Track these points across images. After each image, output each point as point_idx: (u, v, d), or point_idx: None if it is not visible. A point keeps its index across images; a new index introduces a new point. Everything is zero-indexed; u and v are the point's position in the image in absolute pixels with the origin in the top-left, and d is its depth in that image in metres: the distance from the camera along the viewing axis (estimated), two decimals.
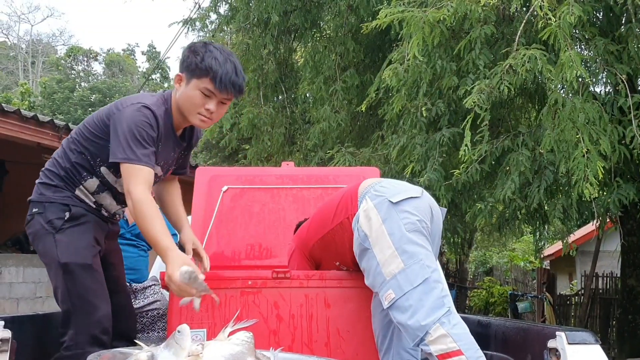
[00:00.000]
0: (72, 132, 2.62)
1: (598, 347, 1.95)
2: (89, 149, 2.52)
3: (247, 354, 1.72)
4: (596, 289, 12.06)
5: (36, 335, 2.27)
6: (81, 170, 2.53)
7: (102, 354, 1.81)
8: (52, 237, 2.45)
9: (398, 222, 2.43)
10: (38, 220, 2.48)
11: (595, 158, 4.52)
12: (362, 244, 2.49)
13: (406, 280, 2.33)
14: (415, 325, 2.25)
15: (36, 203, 2.52)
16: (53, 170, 2.54)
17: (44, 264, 2.51)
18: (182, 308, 2.74)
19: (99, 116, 2.54)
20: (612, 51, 5.13)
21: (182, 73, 2.53)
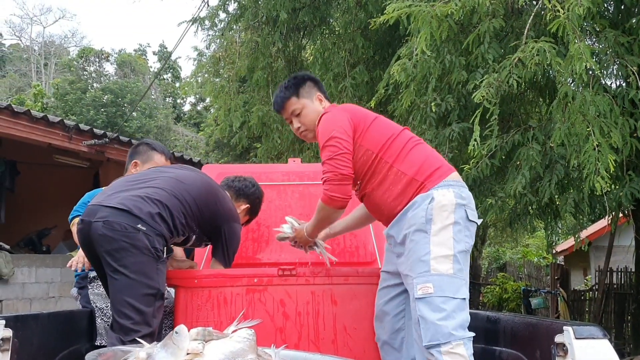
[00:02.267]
0: (196, 199, 2.91)
1: (606, 341, 1.92)
2: (197, 222, 2.93)
3: (249, 352, 1.70)
4: (610, 284, 11.93)
5: (40, 335, 2.26)
6: (187, 231, 2.88)
7: (102, 352, 1.80)
8: (155, 263, 2.66)
9: (463, 237, 2.47)
10: (143, 239, 2.63)
11: (607, 151, 4.45)
12: (421, 224, 2.45)
13: (450, 286, 2.36)
14: (444, 329, 2.28)
15: (146, 224, 2.66)
16: (173, 214, 2.78)
17: (124, 274, 2.60)
18: (188, 307, 2.74)
19: (218, 212, 2.99)
20: (623, 43, 5.06)
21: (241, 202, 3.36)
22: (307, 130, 2.87)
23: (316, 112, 2.83)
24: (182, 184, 2.87)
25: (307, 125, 2.85)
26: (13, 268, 7.93)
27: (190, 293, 2.75)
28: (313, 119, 2.82)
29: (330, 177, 2.59)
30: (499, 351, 2.58)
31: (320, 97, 2.89)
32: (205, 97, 22.68)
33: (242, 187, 3.33)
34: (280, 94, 2.90)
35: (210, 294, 2.74)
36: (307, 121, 2.85)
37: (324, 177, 2.61)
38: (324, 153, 2.62)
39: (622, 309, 11.52)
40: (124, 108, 27.61)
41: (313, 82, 2.93)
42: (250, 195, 3.32)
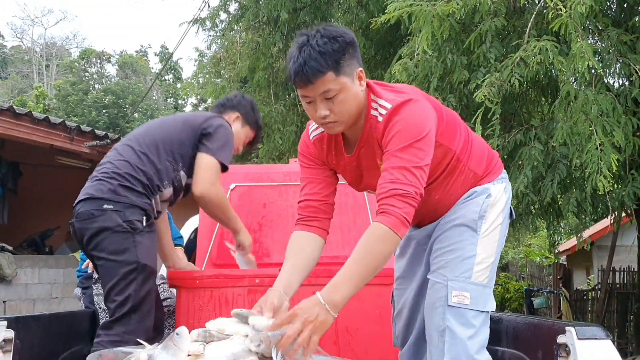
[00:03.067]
0: (156, 140, 2.74)
1: (609, 342, 1.90)
2: (176, 154, 2.74)
3: (250, 353, 1.69)
4: (613, 283, 11.92)
5: (41, 336, 2.26)
6: (164, 178, 2.70)
7: (103, 353, 1.80)
8: (132, 236, 2.55)
9: (503, 238, 2.22)
10: (113, 217, 2.54)
11: (609, 150, 4.45)
12: (472, 220, 2.15)
13: (483, 297, 2.14)
14: (470, 350, 2.07)
15: (111, 201, 2.57)
16: (134, 176, 2.64)
17: (104, 258, 2.56)
18: (190, 307, 2.73)
19: (188, 126, 2.78)
20: (626, 41, 5.05)
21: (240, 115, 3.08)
22: (336, 122, 2.02)
23: (356, 97, 2.02)
24: (129, 144, 2.75)
25: (341, 115, 2.00)
26: (16, 269, 7.95)
27: (191, 294, 2.74)
28: (349, 107, 2.00)
29: (412, 194, 1.90)
30: (502, 351, 2.57)
31: (361, 73, 2.03)
32: (207, 97, 22.68)
33: (225, 101, 3.10)
34: (311, 62, 1.92)
35: (211, 295, 2.73)
36: (342, 109, 1.99)
37: (404, 189, 1.89)
38: (408, 155, 1.93)
39: (624, 308, 11.51)
40: (126, 109, 27.66)
41: (353, 47, 2.02)
42: (236, 104, 3.05)
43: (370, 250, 1.88)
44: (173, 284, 2.82)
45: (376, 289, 2.74)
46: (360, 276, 1.88)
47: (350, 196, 3.52)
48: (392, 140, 1.96)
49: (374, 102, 2.07)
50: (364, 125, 2.09)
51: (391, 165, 1.93)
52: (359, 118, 2.08)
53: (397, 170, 1.91)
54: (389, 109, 2.02)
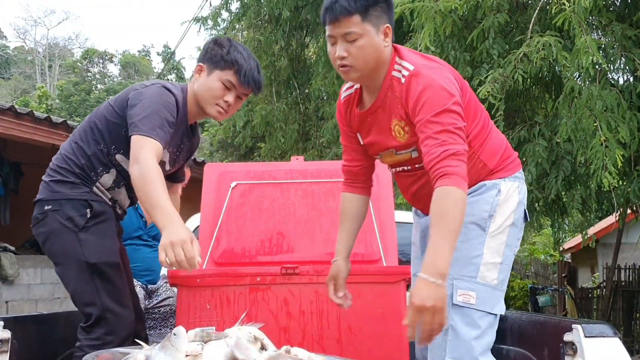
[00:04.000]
0: (83, 126, 2.53)
1: (617, 339, 1.87)
2: (105, 136, 2.45)
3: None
4: (618, 281, 11.88)
5: (39, 336, 2.23)
6: (97, 165, 2.45)
7: (99, 354, 1.77)
8: (75, 235, 2.36)
9: (515, 240, 2.16)
10: (54, 218, 2.37)
11: (614, 146, 4.41)
12: (481, 218, 2.11)
13: (491, 299, 2.09)
14: (473, 352, 2.03)
15: (49, 201, 2.40)
16: (65, 167, 2.44)
17: (57, 263, 2.42)
18: (191, 306, 2.70)
19: (114, 101, 2.50)
20: (630, 36, 5.01)
21: (203, 64, 2.52)
22: (351, 67, 2.08)
23: (376, 49, 2.07)
24: (70, 135, 2.58)
25: (357, 61, 2.06)
26: (18, 269, 7.93)
27: (192, 292, 2.71)
28: (367, 56, 2.06)
29: (462, 151, 1.94)
30: (507, 350, 2.54)
31: (387, 30, 2.09)
32: None
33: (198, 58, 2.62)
34: (342, 1, 2.03)
35: (212, 294, 2.70)
36: (359, 55, 2.05)
37: (455, 148, 1.91)
38: (446, 118, 1.95)
39: (630, 306, 11.48)
40: None
41: (387, 5, 2.11)
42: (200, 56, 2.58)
43: (445, 213, 1.88)
44: (173, 283, 2.79)
45: (379, 288, 2.71)
46: (449, 239, 1.87)
47: None
48: (424, 107, 1.98)
49: (397, 64, 2.12)
50: (382, 84, 2.13)
51: (434, 131, 1.95)
52: (378, 74, 2.13)
53: (441, 134, 1.93)
54: (411, 70, 2.06)
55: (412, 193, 2.35)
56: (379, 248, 3.28)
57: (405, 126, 2.13)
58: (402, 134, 2.15)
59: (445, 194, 1.89)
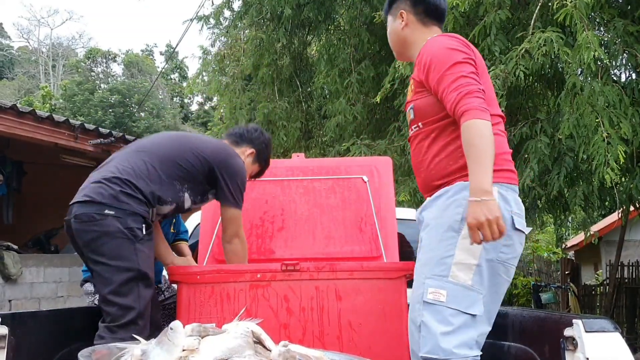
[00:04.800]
0: (165, 155, 2.78)
1: (617, 334, 1.85)
2: (185, 178, 2.79)
3: (246, 347, 1.65)
4: (621, 278, 11.83)
5: (38, 333, 2.23)
6: (165, 196, 2.73)
7: (96, 349, 1.76)
8: (133, 244, 2.56)
9: (499, 245, 2.14)
10: (113, 223, 2.55)
11: (616, 142, 4.39)
12: (454, 221, 2.15)
13: (465, 299, 2.11)
14: (446, 345, 2.06)
15: (112, 207, 2.57)
16: (137, 185, 2.65)
17: (101, 262, 2.57)
18: (190, 303, 2.70)
19: (198, 151, 2.82)
20: (632, 32, 4.98)
21: (254, 150, 3.13)
22: (394, 51, 2.58)
23: (394, 33, 2.50)
24: (142, 152, 2.77)
25: (390, 44, 2.56)
26: (21, 268, 7.94)
27: (192, 289, 2.70)
28: (392, 41, 2.53)
29: (476, 90, 2.12)
30: (508, 346, 2.53)
31: (403, 13, 2.46)
32: (211, 95, 22.67)
33: (244, 132, 3.14)
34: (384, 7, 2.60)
35: (213, 290, 2.70)
36: (390, 41, 2.56)
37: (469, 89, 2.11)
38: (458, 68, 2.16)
39: (633, 303, 11.43)
40: (132, 108, 27.73)
41: None
42: (254, 140, 3.11)
43: (472, 144, 2.07)
44: (174, 280, 2.79)
45: (379, 284, 2.71)
46: (482, 162, 2.04)
47: (353, 191, 3.49)
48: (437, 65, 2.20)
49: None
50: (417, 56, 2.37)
51: (449, 81, 2.15)
52: (413, 51, 2.44)
53: (456, 81, 2.14)
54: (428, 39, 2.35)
55: (413, 164, 2.47)
56: (380, 244, 3.28)
57: (412, 85, 2.38)
58: (410, 92, 2.42)
59: (468, 128, 2.08)
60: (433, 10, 2.48)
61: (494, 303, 2.21)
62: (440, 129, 2.28)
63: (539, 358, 2.22)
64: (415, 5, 2.46)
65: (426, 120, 2.31)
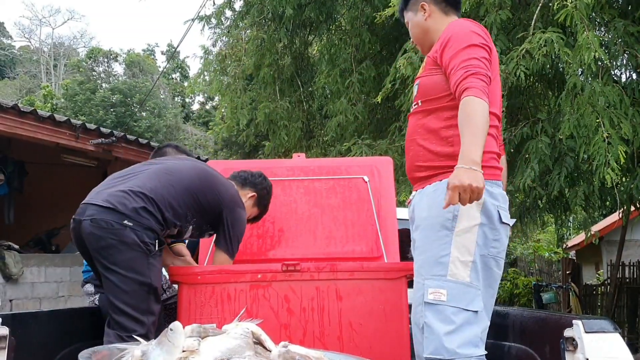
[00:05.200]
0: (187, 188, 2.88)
1: (617, 335, 1.86)
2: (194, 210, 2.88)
3: (246, 348, 1.65)
4: (622, 278, 11.83)
5: (39, 333, 2.24)
6: (178, 221, 2.84)
7: (96, 350, 1.76)
8: (146, 258, 2.65)
9: (489, 240, 2.22)
10: (131, 235, 2.62)
11: (617, 142, 4.39)
12: (446, 219, 2.20)
13: (465, 296, 2.15)
14: (449, 345, 2.09)
15: (132, 220, 2.64)
16: (159, 206, 2.74)
17: (114, 271, 2.62)
18: (191, 303, 2.71)
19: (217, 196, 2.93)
20: (633, 33, 4.98)
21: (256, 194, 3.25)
22: (416, 45, 2.72)
23: (418, 25, 2.60)
24: (170, 176, 2.85)
25: (414, 39, 2.68)
26: (22, 268, 7.95)
27: (193, 289, 2.72)
28: (416, 34, 2.62)
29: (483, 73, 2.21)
30: (508, 346, 2.54)
31: (424, 5, 2.56)
32: (212, 94, 22.67)
33: (248, 176, 3.28)
34: (399, 5, 2.73)
35: (213, 291, 2.71)
36: (413, 35, 2.66)
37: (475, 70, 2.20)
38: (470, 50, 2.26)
39: (634, 303, 11.42)
40: (133, 108, 27.71)
41: None
42: (257, 185, 3.26)
43: (468, 117, 2.13)
44: (174, 280, 2.80)
45: (380, 284, 2.72)
46: (475, 135, 2.11)
47: (354, 191, 3.49)
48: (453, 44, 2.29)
49: None
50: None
51: (461, 59, 2.24)
52: (435, 39, 2.50)
53: (468, 61, 2.22)
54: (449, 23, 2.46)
55: (406, 143, 2.52)
56: (381, 245, 3.29)
57: (425, 62, 2.47)
58: (421, 68, 2.52)
59: (467, 103, 2.15)
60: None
61: (490, 297, 2.26)
62: (436, 110, 2.35)
63: (539, 358, 2.23)
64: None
65: (426, 98, 2.39)
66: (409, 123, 2.52)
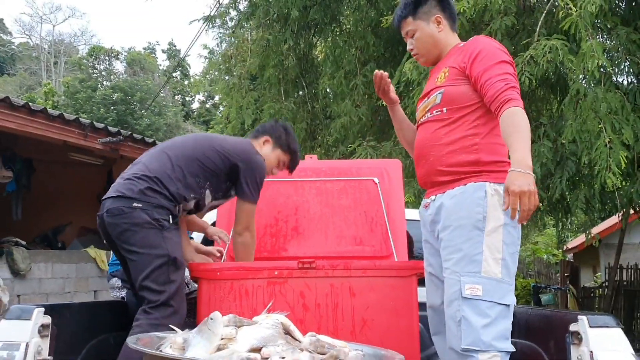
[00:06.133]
0: (188, 155, 2.97)
1: (619, 330, 1.99)
2: (207, 175, 2.97)
3: (278, 337, 1.78)
4: (620, 280, 11.96)
5: (72, 323, 2.36)
6: (189, 192, 2.92)
7: (140, 337, 1.88)
8: (161, 232, 2.76)
9: (514, 240, 2.39)
10: (141, 215, 2.75)
11: (618, 147, 4.52)
12: (477, 220, 2.36)
13: (498, 291, 2.31)
14: (486, 337, 2.25)
15: (139, 200, 2.78)
16: (164, 183, 2.85)
17: (134, 252, 2.76)
18: (210, 299, 2.82)
19: (222, 150, 2.99)
20: (635, 40, 5.11)
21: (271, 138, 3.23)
22: (418, 55, 2.74)
23: (431, 36, 2.67)
24: (169, 151, 2.97)
25: (419, 49, 2.71)
26: (30, 263, 8.05)
27: (212, 285, 2.82)
28: (426, 44, 2.68)
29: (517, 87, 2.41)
30: (514, 343, 2.65)
31: (439, 18, 2.66)
32: (217, 95, 22.74)
33: (259, 127, 3.35)
34: (398, 11, 2.74)
35: (232, 286, 2.81)
36: (419, 45, 2.69)
37: (514, 84, 2.39)
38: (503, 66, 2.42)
39: (631, 305, 11.56)
40: (134, 106, 27.79)
41: (437, 0, 2.70)
42: (267, 129, 3.28)
43: (517, 125, 2.29)
44: (194, 276, 2.91)
45: (391, 281, 2.82)
46: (524, 141, 2.28)
47: (364, 192, 3.60)
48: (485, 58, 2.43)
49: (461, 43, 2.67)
50: (448, 52, 2.66)
51: (497, 73, 2.39)
52: (442, 51, 2.67)
53: (504, 75, 2.38)
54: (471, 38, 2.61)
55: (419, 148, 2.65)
56: (390, 244, 3.40)
57: (447, 72, 2.56)
58: (442, 78, 2.59)
59: (514, 112, 2.30)
60: (454, 14, 2.77)
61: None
62: (462, 118, 2.49)
63: (544, 354, 2.34)
64: (444, 10, 2.70)
65: (452, 106, 2.51)
66: (424, 129, 2.63)
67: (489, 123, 2.46)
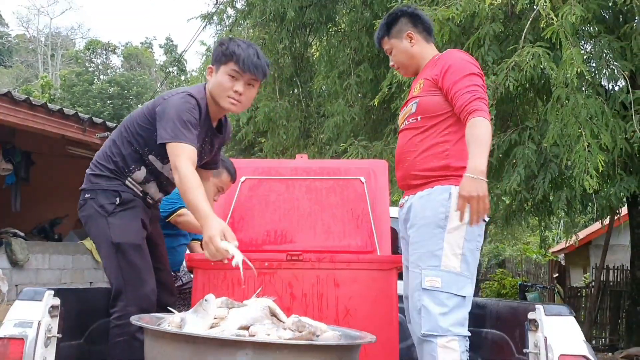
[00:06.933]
0: (121, 126, 2.89)
1: (572, 318, 2.21)
2: (138, 139, 2.79)
3: (265, 318, 1.99)
4: (607, 281, 12.15)
5: (77, 306, 2.54)
6: (130, 162, 2.81)
7: (142, 316, 2.09)
8: (105, 219, 2.74)
9: (475, 236, 2.58)
10: (91, 205, 2.77)
11: (596, 151, 4.72)
12: (440, 220, 2.56)
13: (456, 283, 2.52)
14: (443, 324, 2.47)
15: (88, 190, 2.81)
16: (103, 163, 2.83)
17: (95, 243, 2.84)
18: (205, 286, 3.00)
19: (146, 108, 2.82)
20: (616, 48, 5.31)
21: (212, 65, 2.80)
22: (399, 68, 2.98)
23: (404, 52, 2.86)
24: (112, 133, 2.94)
25: (398, 63, 2.92)
26: (28, 254, 8.20)
27: (207, 274, 3.01)
28: (402, 59, 2.88)
29: (485, 98, 2.60)
30: (485, 332, 2.86)
31: (410, 34, 2.84)
32: None
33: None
34: (377, 33, 2.97)
35: (225, 275, 3.00)
36: (397, 60, 2.90)
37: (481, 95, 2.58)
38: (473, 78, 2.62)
39: (617, 305, 11.72)
40: (130, 100, 27.91)
41: (408, 17, 2.88)
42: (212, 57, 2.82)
43: (477, 134, 2.49)
44: (191, 266, 3.10)
45: (373, 274, 3.03)
46: (482, 149, 2.47)
47: (351, 191, 3.79)
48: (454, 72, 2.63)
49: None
50: (426, 64, 2.85)
51: (465, 85, 2.59)
52: (420, 65, 2.87)
53: (470, 86, 2.59)
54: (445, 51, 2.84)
55: (398, 153, 2.85)
56: (374, 240, 3.59)
57: (422, 84, 2.76)
58: (417, 89, 2.80)
59: (478, 122, 2.50)
60: (428, 27, 2.94)
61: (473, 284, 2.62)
62: (434, 127, 2.69)
63: (510, 341, 2.55)
64: (416, 25, 2.87)
65: (426, 115, 2.71)
66: (402, 135, 2.85)
67: (460, 131, 2.64)
